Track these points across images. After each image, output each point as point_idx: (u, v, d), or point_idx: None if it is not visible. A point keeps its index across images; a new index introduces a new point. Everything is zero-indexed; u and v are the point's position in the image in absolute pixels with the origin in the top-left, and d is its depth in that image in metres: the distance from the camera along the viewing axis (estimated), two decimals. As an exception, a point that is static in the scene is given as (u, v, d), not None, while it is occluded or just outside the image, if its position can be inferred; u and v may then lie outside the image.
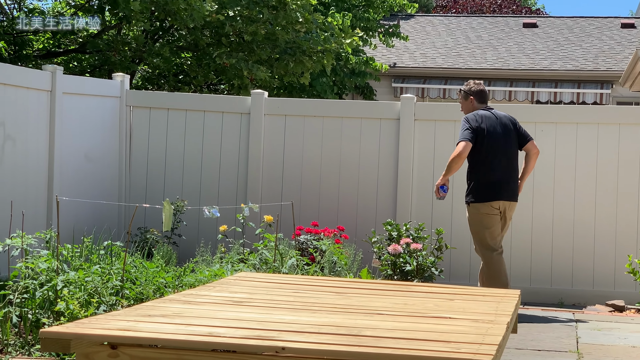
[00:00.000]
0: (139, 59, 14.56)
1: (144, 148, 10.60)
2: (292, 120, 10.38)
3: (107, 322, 4.01)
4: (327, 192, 10.26)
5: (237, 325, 4.05)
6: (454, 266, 9.82)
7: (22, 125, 8.83)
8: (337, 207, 10.21)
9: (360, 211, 10.16)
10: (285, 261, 7.73)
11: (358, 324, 4.18)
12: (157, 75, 16.13)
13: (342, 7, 18.16)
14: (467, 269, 9.86)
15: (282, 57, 13.84)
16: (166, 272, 7.07)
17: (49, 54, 15.04)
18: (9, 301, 6.13)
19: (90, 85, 10.42)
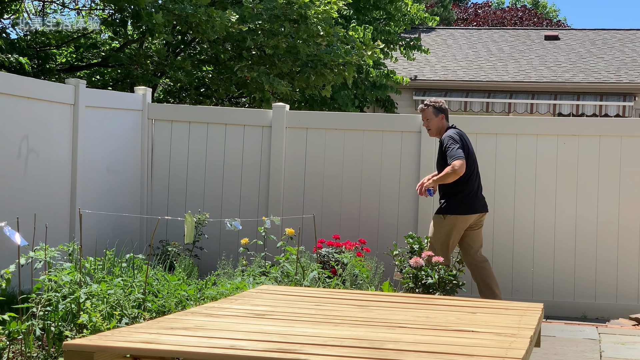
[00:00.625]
0: (160, 72, 14.63)
1: (166, 161, 10.64)
2: (314, 133, 10.39)
3: (130, 334, 4.02)
4: (349, 205, 10.25)
5: (258, 338, 4.05)
6: (475, 279, 9.76)
7: (46, 138, 8.89)
8: (358, 220, 10.20)
9: (382, 224, 10.14)
10: (307, 274, 7.73)
11: (380, 337, 4.17)
12: (179, 89, 16.21)
13: (363, 20, 18.19)
14: (489, 282, 9.79)
15: (303, 70, 13.86)
16: (188, 285, 7.08)
17: (72, 67, 15.13)
18: (32, 314, 6.15)
19: (112, 99, 10.47)
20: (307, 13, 12.95)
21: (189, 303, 6.70)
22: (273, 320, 4.65)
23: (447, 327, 4.59)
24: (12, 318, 5.80)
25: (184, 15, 12.05)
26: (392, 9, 18.70)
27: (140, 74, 13.77)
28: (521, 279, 9.79)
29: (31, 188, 8.63)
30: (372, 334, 4.26)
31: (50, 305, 6.21)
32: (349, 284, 8.29)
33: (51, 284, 6.33)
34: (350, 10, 18.01)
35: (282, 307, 5.17)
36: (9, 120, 8.31)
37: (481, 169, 9.88)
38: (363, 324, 4.60)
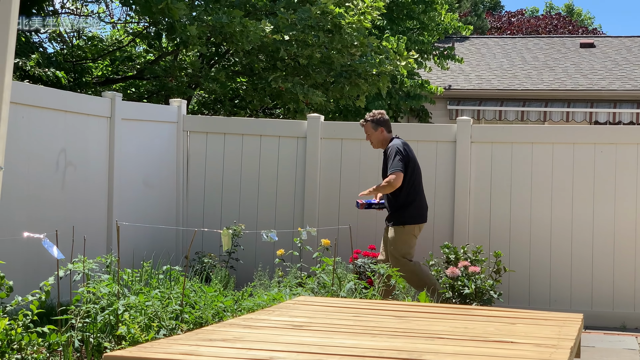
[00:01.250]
0: (195, 84, 14.70)
1: (201, 172, 10.68)
2: (349, 143, 10.39)
3: (169, 346, 4.03)
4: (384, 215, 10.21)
5: (297, 350, 4.05)
6: (512, 289, 9.71)
7: (83, 151, 8.95)
8: (394, 230, 10.16)
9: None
10: (344, 285, 7.72)
11: (419, 348, 4.15)
12: (213, 100, 16.27)
13: (396, 30, 18.18)
14: (526, 292, 9.74)
15: (337, 81, 13.88)
16: (224, 297, 7.09)
17: (108, 80, 15.26)
18: (71, 325, 6.19)
19: (148, 111, 10.54)
20: (341, 23, 12.96)
21: (226, 314, 6.71)
22: (311, 332, 4.64)
23: (486, 337, 4.55)
24: (51, 330, 5.84)
25: (218, 26, 12.11)
26: (426, 19, 18.67)
27: (175, 86, 13.84)
28: (559, 289, 9.71)
29: (69, 200, 8.70)
30: (410, 345, 4.24)
31: (89, 316, 6.25)
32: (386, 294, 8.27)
33: (89, 296, 6.37)
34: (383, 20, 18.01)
35: (320, 318, 5.16)
36: (48, 133, 8.38)
37: (517, 178, 9.84)
38: (401, 335, 4.58)
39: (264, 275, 8.84)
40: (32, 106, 8.10)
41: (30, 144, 8.13)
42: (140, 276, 7.38)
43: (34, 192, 8.19)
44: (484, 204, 9.95)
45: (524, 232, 9.81)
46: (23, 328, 5.46)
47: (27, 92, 8.17)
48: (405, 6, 18.39)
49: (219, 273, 8.70)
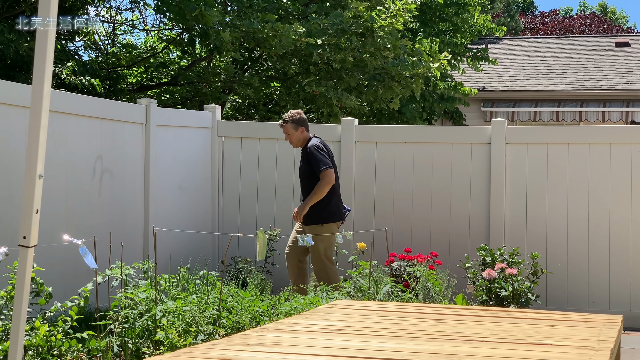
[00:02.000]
0: (229, 89, 14.75)
1: (236, 178, 10.72)
2: (383, 147, 10.38)
3: (208, 351, 4.05)
4: (419, 217, 10.21)
5: (336, 354, 4.05)
6: (550, 291, 9.65)
7: (119, 158, 9.02)
8: (429, 232, 10.15)
9: (453, 236, 10.08)
10: (380, 288, 7.70)
11: (457, 351, 4.14)
12: (247, 105, 16.32)
13: (429, 32, 18.13)
14: (564, 294, 9.68)
15: (371, 84, 13.87)
16: (261, 301, 7.10)
17: (142, 87, 15.35)
18: (110, 331, 6.24)
19: (182, 117, 10.60)
20: (373, 26, 12.95)
21: (263, 319, 6.72)
22: (349, 336, 4.64)
23: (525, 340, 4.53)
24: (90, 336, 5.88)
25: (251, 32, 12.14)
26: (459, 21, 18.61)
27: (209, 91, 13.90)
28: (597, 290, 9.64)
29: (105, 207, 8.76)
30: (449, 348, 4.23)
31: (127, 322, 6.29)
32: (422, 297, 8.24)
33: (127, 302, 6.41)
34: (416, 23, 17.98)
35: (357, 322, 5.16)
36: (85, 140, 8.44)
37: (553, 178, 9.78)
38: (439, 338, 4.57)
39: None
40: (68, 114, 8.17)
41: (67, 152, 8.19)
42: (177, 281, 7.41)
43: (71, 199, 8.26)
44: (519, 206, 9.90)
45: (561, 234, 9.75)
46: (63, 334, 5.51)
47: (64, 100, 8.25)
48: (437, 8, 18.34)
49: (255, 278, 8.72)
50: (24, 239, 3.34)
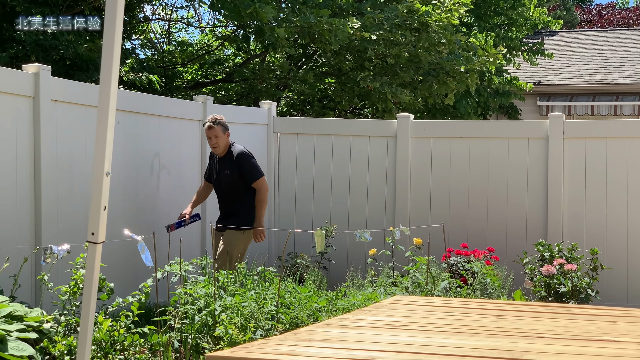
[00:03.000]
0: (284, 85, 14.79)
1: (292, 174, 10.75)
2: (439, 142, 10.34)
3: (269, 346, 4.07)
4: (475, 213, 10.15)
5: (396, 349, 4.04)
6: (610, 287, 9.53)
7: (176, 155, 9.09)
8: (486, 228, 10.09)
9: (510, 232, 10.01)
10: (438, 284, 7.68)
11: (519, 347, 4.11)
12: (302, 101, 16.35)
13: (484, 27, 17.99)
14: (624, 290, 9.56)
15: (425, 79, 13.81)
16: (318, 297, 7.12)
17: (198, 84, 15.46)
18: (169, 326, 6.30)
19: (238, 114, 10.64)
20: (427, 21, 12.89)
21: (321, 315, 6.73)
22: (409, 331, 4.64)
23: (587, 336, 4.48)
24: (152, 331, 5.94)
25: (306, 27, 12.16)
26: (514, 15, 18.44)
27: (264, 88, 13.95)
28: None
29: (163, 204, 8.84)
30: (510, 344, 4.20)
31: (187, 317, 6.34)
32: (479, 293, 8.20)
33: (187, 297, 6.46)
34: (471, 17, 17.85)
35: (416, 318, 5.15)
36: (143, 138, 8.52)
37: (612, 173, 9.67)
38: (500, 334, 4.54)
39: (356, 275, 8.85)
40: (127, 111, 8.25)
41: (125, 149, 8.28)
42: (235, 277, 7.46)
43: (130, 195, 8.34)
44: (577, 201, 9.80)
45: (621, 229, 9.63)
46: (125, 329, 5.57)
47: (123, 97, 8.33)
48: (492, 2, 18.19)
49: (312, 273, 8.74)
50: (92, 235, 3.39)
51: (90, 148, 7.82)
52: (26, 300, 6.81)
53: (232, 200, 8.38)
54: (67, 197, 7.55)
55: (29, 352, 5.42)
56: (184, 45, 16.35)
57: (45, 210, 7.23)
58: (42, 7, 10.36)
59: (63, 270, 6.64)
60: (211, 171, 8.55)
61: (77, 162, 7.68)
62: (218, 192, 8.49)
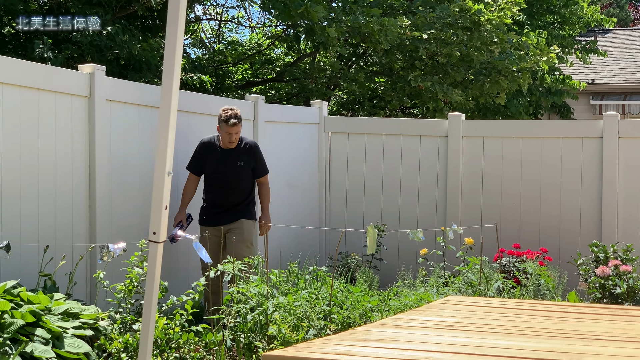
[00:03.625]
0: (334, 85, 14.79)
1: (343, 173, 10.74)
2: (490, 142, 10.27)
3: (325, 346, 4.07)
4: (528, 213, 10.07)
5: (452, 350, 4.02)
6: (665, 289, 9.39)
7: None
8: (538, 228, 10.01)
9: (563, 232, 9.91)
10: (491, 284, 7.63)
11: (577, 349, 4.07)
12: (352, 101, 16.34)
13: (536, 25, 17.84)
14: (680, 292, 9.41)
15: (477, 78, 13.73)
16: (370, 296, 7.10)
17: (248, 84, 15.51)
18: (222, 325, 6.32)
19: (289, 113, 10.66)
20: (479, 20, 12.81)
21: (373, 314, 6.72)
22: (464, 332, 4.61)
23: (646, 339, 4.42)
24: (206, 329, 5.98)
25: (356, 26, 12.15)
26: (567, 13, 18.25)
27: (314, 87, 13.96)
28: None
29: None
30: (568, 346, 4.15)
31: (239, 316, 6.36)
32: (532, 294, 8.13)
33: (239, 296, 6.49)
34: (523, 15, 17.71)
35: (471, 319, 5.11)
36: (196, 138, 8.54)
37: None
38: (557, 336, 4.49)
39: (407, 275, 8.82)
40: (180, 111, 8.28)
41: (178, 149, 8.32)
42: (287, 277, 7.47)
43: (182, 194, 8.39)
44: (633, 201, 9.68)
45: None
46: (180, 327, 5.61)
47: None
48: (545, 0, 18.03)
49: (364, 273, 8.73)
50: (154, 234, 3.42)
51: (144, 147, 7.89)
52: (81, 297, 6.90)
53: (240, 192, 8.13)
54: (120, 196, 7.63)
55: (85, 349, 5.48)
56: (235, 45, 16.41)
57: (99, 209, 7.31)
58: (96, 8, 10.46)
59: (117, 268, 6.70)
60: (207, 164, 8.11)
61: (130, 162, 7.75)
62: (221, 184, 8.10)
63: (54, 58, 9.51)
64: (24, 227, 6.64)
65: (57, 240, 6.89)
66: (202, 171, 8.13)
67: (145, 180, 7.88)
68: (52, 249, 6.71)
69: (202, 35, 17.22)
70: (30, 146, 6.75)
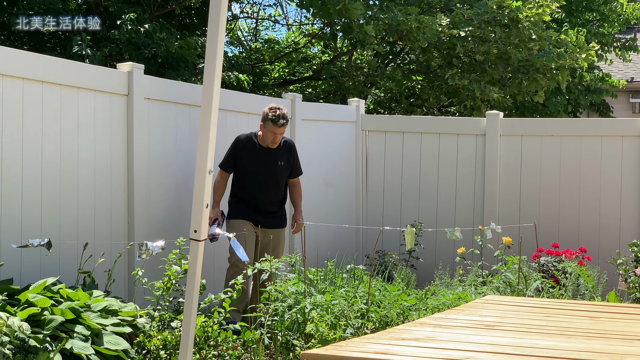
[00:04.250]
0: (371, 83, 14.76)
1: (380, 171, 10.72)
2: (529, 140, 10.20)
3: (363, 345, 4.06)
4: (566, 212, 9.99)
5: (492, 350, 4.00)
6: None
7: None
8: (577, 228, 9.93)
9: (603, 232, 9.83)
10: (530, 284, 7.57)
11: (618, 350, 4.02)
12: (389, 99, 16.30)
13: (575, 22, 17.68)
14: None
15: (515, 76, 13.64)
16: (408, 295, 7.08)
17: (285, 82, 15.53)
18: (260, 323, 6.33)
19: (326, 111, 10.65)
20: (518, 17, 12.72)
21: (411, 313, 6.70)
22: (503, 332, 4.58)
23: (689, 340, 4.37)
24: (244, 327, 5.99)
25: (394, 24, 12.12)
26: (606, 10, 18.07)
27: (351, 85, 13.94)
28: None
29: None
30: (609, 347, 4.11)
31: (277, 315, 6.37)
32: (572, 294, 8.06)
33: (277, 294, 6.49)
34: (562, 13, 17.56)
35: (510, 318, 5.08)
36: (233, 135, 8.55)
37: None
38: (597, 337, 4.45)
39: (444, 274, 8.79)
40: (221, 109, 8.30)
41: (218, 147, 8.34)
42: (324, 275, 7.46)
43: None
44: (674, 201, 9.58)
45: None
46: (218, 325, 5.63)
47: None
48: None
49: (401, 271, 8.70)
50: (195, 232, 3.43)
51: (181, 146, 7.93)
52: (120, 295, 6.94)
53: (277, 193, 8.01)
54: (158, 194, 7.66)
55: (124, 346, 5.51)
56: (271, 43, 16.44)
57: (137, 207, 7.35)
58: (134, 6, 10.53)
59: (155, 266, 6.73)
60: (244, 162, 7.88)
61: (168, 160, 7.79)
62: (260, 183, 7.89)
63: (92, 55, 9.58)
64: (63, 225, 6.70)
65: (95, 237, 6.94)
66: (235, 168, 7.95)
67: (183, 178, 7.91)
68: (91, 247, 6.76)
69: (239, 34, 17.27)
70: (70, 144, 6.81)
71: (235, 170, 7.96)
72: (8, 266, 6.02)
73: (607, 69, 19.26)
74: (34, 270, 6.38)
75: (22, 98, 6.39)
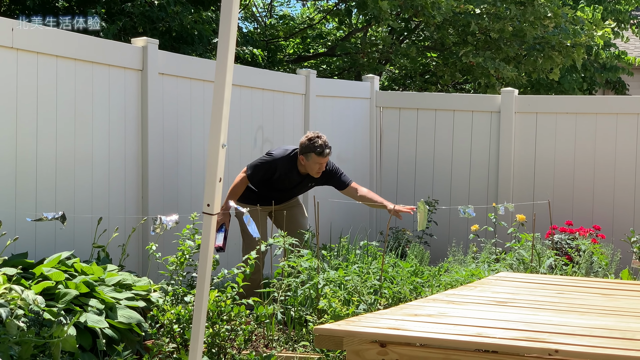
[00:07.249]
0: (385, 60, 14.72)
1: (394, 148, 10.70)
2: (543, 117, 10.16)
3: (376, 321, 4.07)
4: (581, 190, 9.96)
5: (504, 326, 4.00)
6: None
7: (279, 128, 9.14)
8: (591, 205, 9.90)
9: (617, 210, 9.80)
10: (543, 261, 7.57)
11: (631, 327, 4.02)
12: (403, 76, 16.25)
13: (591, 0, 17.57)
14: None
15: (530, 54, 13.57)
16: (421, 272, 7.09)
17: (299, 58, 15.50)
18: (273, 298, 6.35)
19: (341, 88, 10.63)
20: (534, -6, 12.66)
21: (424, 290, 6.71)
22: (516, 308, 4.58)
23: (702, 318, 4.36)
24: (257, 302, 6.01)
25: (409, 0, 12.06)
26: (623, -13, 17.96)
27: (366, 62, 13.91)
28: None
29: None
30: (622, 324, 4.11)
31: (290, 290, 6.39)
32: (584, 271, 8.05)
33: (290, 270, 6.51)
34: (578, -11, 17.46)
35: (523, 295, 5.08)
36: (247, 111, 8.59)
37: None
38: (611, 314, 4.45)
39: (458, 251, 8.79)
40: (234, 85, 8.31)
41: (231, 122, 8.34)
42: (338, 251, 7.47)
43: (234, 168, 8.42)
44: (689, 179, 9.54)
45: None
46: (231, 300, 5.65)
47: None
48: (601, -26, 17.74)
49: (414, 248, 8.71)
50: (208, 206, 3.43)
51: (195, 121, 7.94)
52: (134, 269, 6.97)
53: (292, 196, 7.73)
54: (172, 168, 7.68)
55: (137, 320, 5.54)
56: (286, 19, 16.40)
57: (151, 182, 7.37)
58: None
59: (169, 241, 6.76)
60: (276, 181, 7.47)
61: (182, 134, 7.80)
62: (281, 194, 7.59)
63: (106, 29, 9.58)
64: (77, 198, 6.72)
65: (110, 212, 6.97)
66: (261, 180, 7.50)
67: (197, 153, 7.93)
68: (105, 221, 6.78)
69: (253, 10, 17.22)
70: (85, 119, 6.82)
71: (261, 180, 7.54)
72: (23, 240, 6.06)
73: (623, 46, 19.14)
74: (49, 244, 6.42)
75: (37, 72, 6.40)
